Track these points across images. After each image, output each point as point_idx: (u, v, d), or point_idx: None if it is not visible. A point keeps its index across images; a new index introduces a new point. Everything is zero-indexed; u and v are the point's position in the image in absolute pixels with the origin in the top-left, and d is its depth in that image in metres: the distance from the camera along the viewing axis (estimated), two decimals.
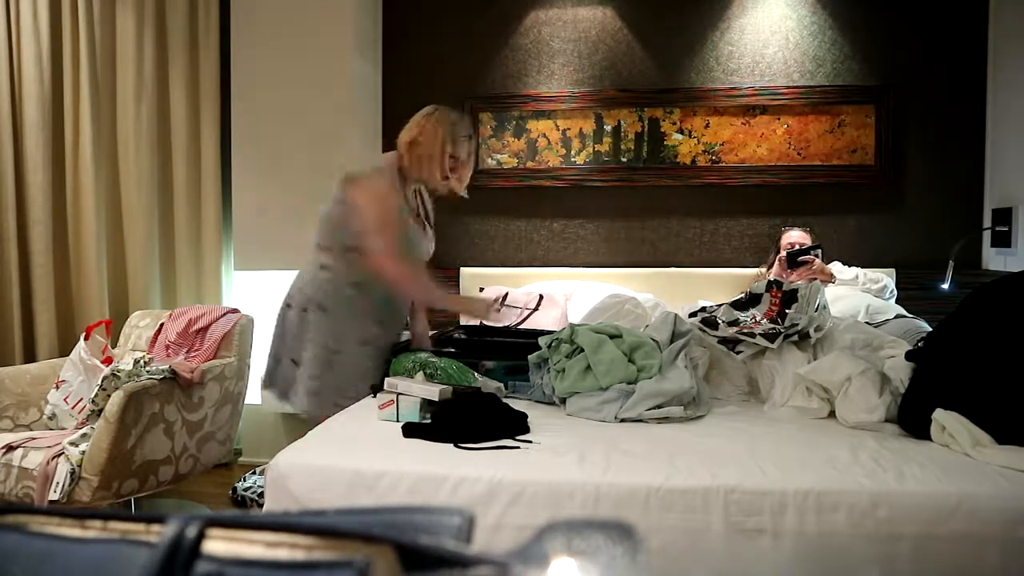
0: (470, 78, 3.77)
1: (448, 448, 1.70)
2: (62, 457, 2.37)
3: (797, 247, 3.23)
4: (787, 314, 2.30)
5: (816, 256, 3.18)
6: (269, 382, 2.39)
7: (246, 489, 3.04)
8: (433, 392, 1.95)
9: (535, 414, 1.97)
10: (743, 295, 2.51)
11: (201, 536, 0.31)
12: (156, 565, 0.30)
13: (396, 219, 2.22)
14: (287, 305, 2.35)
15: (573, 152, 3.72)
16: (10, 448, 2.45)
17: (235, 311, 2.99)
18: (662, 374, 2.06)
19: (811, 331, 2.24)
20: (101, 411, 2.44)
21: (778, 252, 3.29)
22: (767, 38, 3.59)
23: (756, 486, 1.47)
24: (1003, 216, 3.30)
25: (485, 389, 2.14)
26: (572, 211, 3.75)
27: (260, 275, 3.65)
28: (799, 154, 3.57)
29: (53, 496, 2.31)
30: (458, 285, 3.69)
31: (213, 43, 3.62)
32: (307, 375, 2.25)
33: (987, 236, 3.46)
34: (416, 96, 3.80)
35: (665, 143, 3.66)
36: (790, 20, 3.57)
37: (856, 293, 3.12)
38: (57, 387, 2.80)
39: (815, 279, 2.97)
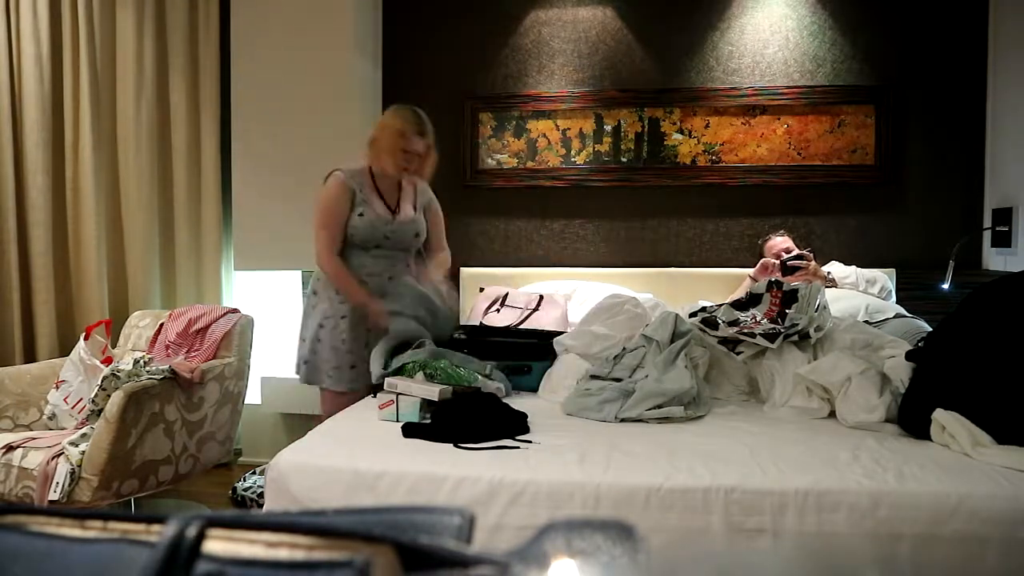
0: (470, 78, 3.77)
1: (448, 448, 1.70)
2: (62, 457, 2.37)
3: (793, 252, 3.21)
4: (787, 314, 2.30)
5: (811, 259, 3.16)
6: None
7: (246, 489, 3.04)
8: (433, 392, 1.95)
9: (535, 414, 1.97)
10: (743, 295, 2.51)
11: (201, 536, 0.31)
12: (156, 565, 0.30)
13: (335, 219, 2.48)
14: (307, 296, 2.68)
15: (573, 152, 3.72)
16: (10, 448, 2.45)
17: (235, 311, 2.99)
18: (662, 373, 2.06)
19: (811, 331, 2.24)
20: (101, 411, 2.44)
21: (763, 259, 3.27)
22: (767, 38, 3.59)
23: (756, 486, 1.47)
24: (1003, 216, 3.30)
25: (485, 389, 2.15)
26: (572, 211, 3.74)
27: (260, 275, 3.65)
28: (799, 154, 3.57)
29: (53, 496, 2.31)
30: (458, 285, 3.69)
31: (213, 43, 3.61)
32: (304, 347, 2.56)
33: (987, 236, 3.46)
34: (416, 96, 3.82)
35: (665, 143, 3.66)
36: (790, 20, 3.57)
37: (855, 293, 3.12)
38: (57, 387, 2.80)
39: (812, 281, 2.97)
